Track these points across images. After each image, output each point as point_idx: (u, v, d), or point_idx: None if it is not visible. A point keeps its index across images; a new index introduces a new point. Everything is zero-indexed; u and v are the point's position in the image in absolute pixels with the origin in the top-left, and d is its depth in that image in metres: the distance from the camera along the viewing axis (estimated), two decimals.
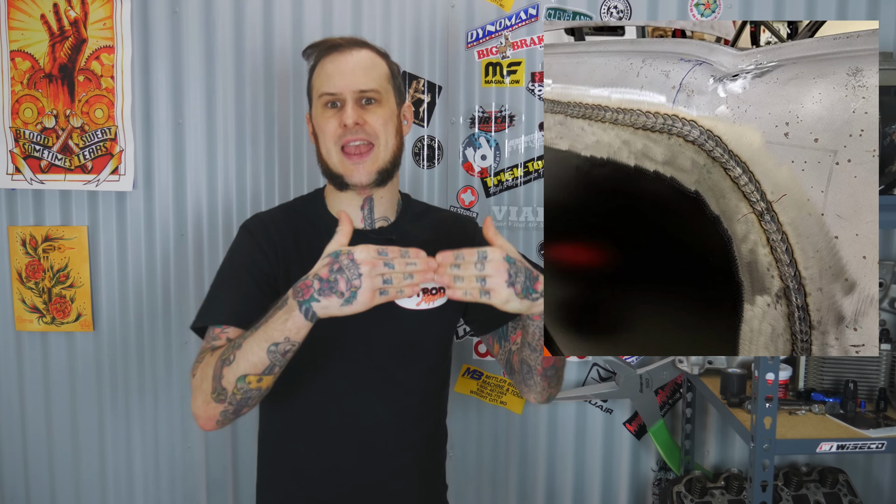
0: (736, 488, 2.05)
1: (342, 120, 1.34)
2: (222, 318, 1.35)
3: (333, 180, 1.40)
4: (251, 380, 1.23)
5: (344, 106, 1.35)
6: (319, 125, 1.38)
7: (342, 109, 1.35)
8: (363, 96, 1.35)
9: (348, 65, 1.36)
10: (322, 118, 1.37)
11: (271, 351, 1.21)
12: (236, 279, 1.39)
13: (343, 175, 1.37)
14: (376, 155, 1.37)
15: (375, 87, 1.36)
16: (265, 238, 1.40)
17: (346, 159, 1.36)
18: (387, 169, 1.39)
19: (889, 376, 1.87)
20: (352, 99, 1.35)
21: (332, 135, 1.36)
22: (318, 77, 1.39)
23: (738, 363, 1.96)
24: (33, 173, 2.09)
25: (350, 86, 1.34)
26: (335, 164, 1.37)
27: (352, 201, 1.42)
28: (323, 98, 1.36)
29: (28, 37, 2.04)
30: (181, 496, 2.23)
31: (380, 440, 1.43)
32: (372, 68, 1.37)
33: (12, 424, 2.20)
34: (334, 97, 1.35)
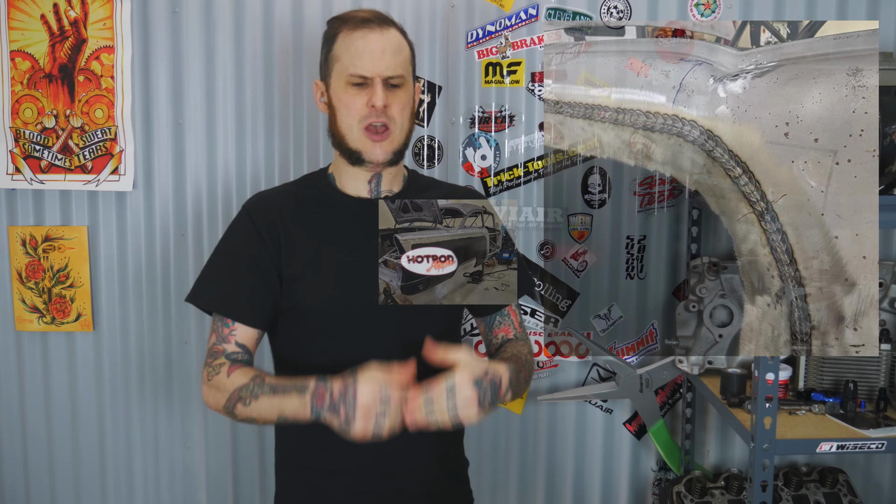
0: (736, 488, 2.05)
1: (371, 101, 1.38)
2: (232, 314, 1.42)
3: (349, 155, 1.43)
4: (259, 422, 1.38)
5: (371, 87, 1.38)
6: (343, 100, 1.41)
7: (369, 89, 1.38)
8: (390, 81, 1.39)
9: (378, 45, 1.38)
10: (346, 94, 1.40)
11: (281, 417, 1.34)
12: (241, 272, 1.43)
13: (362, 152, 1.41)
14: (394, 136, 1.41)
15: (402, 73, 1.41)
16: (265, 224, 1.43)
17: (366, 137, 1.40)
18: (401, 149, 1.44)
19: (889, 376, 1.87)
20: (380, 82, 1.38)
21: (358, 113, 1.39)
22: (346, 52, 1.40)
23: (738, 363, 1.96)
24: (33, 173, 2.09)
25: (381, 71, 1.38)
26: (354, 140, 1.41)
27: (360, 176, 1.46)
28: (352, 78, 1.39)
29: (28, 37, 2.04)
30: (181, 496, 2.23)
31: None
32: (399, 52, 1.41)
33: (12, 424, 2.20)
34: (364, 80, 1.38)
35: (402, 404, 1.27)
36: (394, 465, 1.46)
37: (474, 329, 2.15)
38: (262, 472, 2.21)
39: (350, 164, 1.44)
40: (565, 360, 2.19)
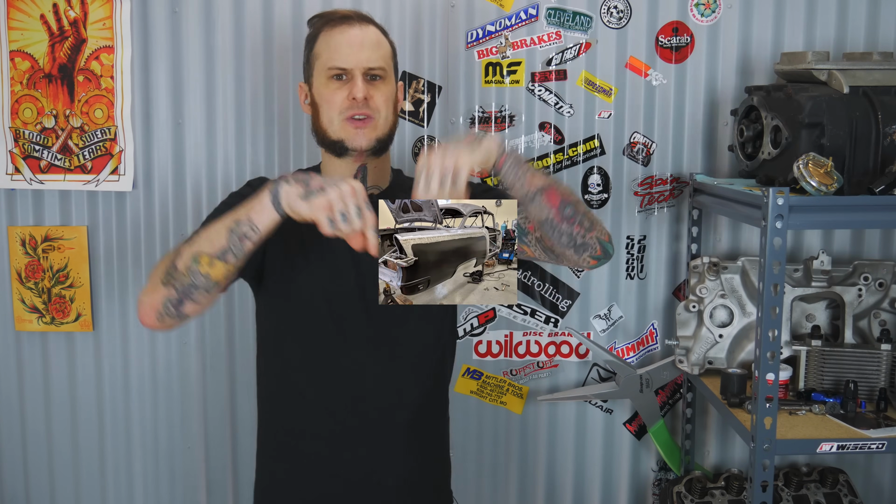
0: (736, 488, 2.05)
1: (351, 93, 1.39)
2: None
3: (332, 147, 1.44)
4: (203, 260, 1.24)
5: (351, 80, 1.40)
6: (324, 96, 1.42)
7: (349, 82, 1.40)
8: (370, 73, 1.40)
9: (358, 39, 1.40)
10: (327, 89, 1.41)
11: (231, 230, 1.23)
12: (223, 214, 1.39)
13: (344, 140, 1.42)
14: (377, 124, 1.42)
15: (382, 66, 1.42)
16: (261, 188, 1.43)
17: (348, 125, 1.41)
18: (384, 139, 1.45)
19: (889, 376, 1.86)
20: (360, 74, 1.39)
21: (339, 106, 1.40)
22: (326, 48, 1.42)
23: (738, 363, 1.96)
24: (33, 173, 2.09)
25: (360, 62, 1.39)
26: (336, 131, 1.42)
27: (347, 168, 1.46)
28: (331, 71, 1.40)
29: (28, 37, 2.04)
30: (181, 496, 2.23)
31: (375, 401, 1.46)
32: (379, 46, 1.43)
33: (12, 424, 2.20)
34: (343, 71, 1.40)
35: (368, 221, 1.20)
36: (369, 456, 1.46)
37: (475, 329, 2.15)
38: None
39: (336, 156, 1.45)
40: (565, 360, 2.18)
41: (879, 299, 1.98)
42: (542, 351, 2.17)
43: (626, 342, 2.18)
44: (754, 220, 1.64)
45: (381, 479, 1.47)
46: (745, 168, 1.89)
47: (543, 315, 2.16)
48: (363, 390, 1.46)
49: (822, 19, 2.07)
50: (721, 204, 1.89)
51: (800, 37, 2.07)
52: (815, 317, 2.02)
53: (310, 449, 1.47)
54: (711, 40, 2.08)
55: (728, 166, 2.11)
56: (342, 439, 1.46)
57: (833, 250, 2.12)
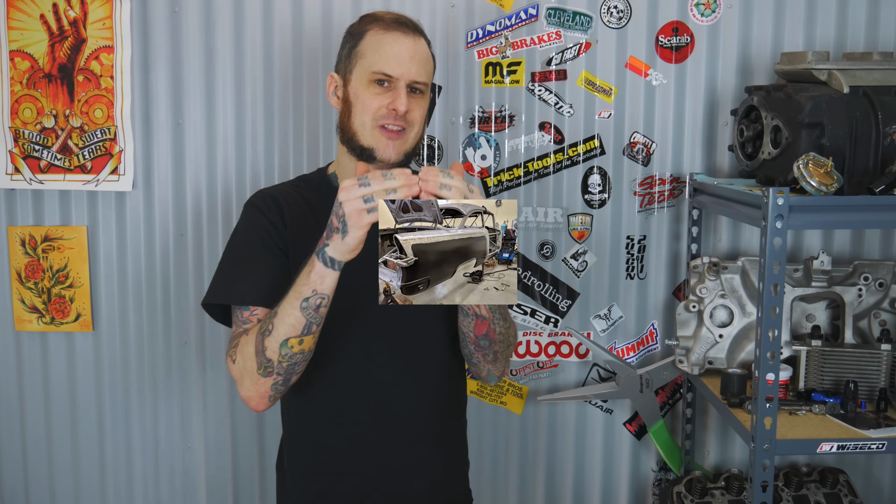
0: (736, 489, 2.05)
1: (393, 104, 1.37)
2: (248, 299, 1.38)
3: (360, 152, 1.41)
4: (293, 343, 1.28)
5: (395, 89, 1.38)
6: (361, 98, 1.39)
7: (392, 91, 1.38)
8: (414, 85, 1.39)
9: (409, 50, 1.39)
10: (368, 92, 1.39)
11: (304, 308, 1.25)
12: (255, 257, 1.41)
13: (374, 149, 1.39)
14: (408, 138, 1.41)
15: (426, 81, 1.41)
16: (276, 211, 1.43)
17: (381, 134, 1.39)
18: (411, 153, 1.44)
19: (889, 376, 1.86)
20: (405, 86, 1.38)
21: (375, 112, 1.38)
22: (374, 50, 1.39)
23: (738, 363, 1.96)
24: (33, 173, 2.09)
25: (408, 75, 1.38)
26: (367, 137, 1.40)
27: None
28: (375, 75, 1.38)
29: (27, 37, 2.04)
30: (181, 496, 2.23)
31: (398, 406, 1.45)
32: (427, 62, 1.42)
33: (12, 424, 2.20)
34: (388, 78, 1.38)
35: (402, 187, 1.20)
36: (400, 464, 1.46)
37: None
38: (261, 472, 2.21)
39: (357, 158, 1.42)
40: (565, 360, 2.18)
41: (879, 299, 1.97)
42: (542, 351, 2.17)
43: (626, 342, 2.18)
44: (754, 220, 1.64)
45: (412, 484, 1.47)
46: (745, 168, 1.89)
47: (543, 315, 2.16)
48: (388, 394, 1.45)
49: (822, 19, 2.07)
50: (721, 204, 1.89)
51: (800, 37, 2.07)
52: (815, 317, 2.02)
53: (343, 466, 1.47)
54: (711, 40, 2.08)
55: (728, 166, 2.11)
56: (370, 449, 1.46)
57: (833, 250, 2.12)
